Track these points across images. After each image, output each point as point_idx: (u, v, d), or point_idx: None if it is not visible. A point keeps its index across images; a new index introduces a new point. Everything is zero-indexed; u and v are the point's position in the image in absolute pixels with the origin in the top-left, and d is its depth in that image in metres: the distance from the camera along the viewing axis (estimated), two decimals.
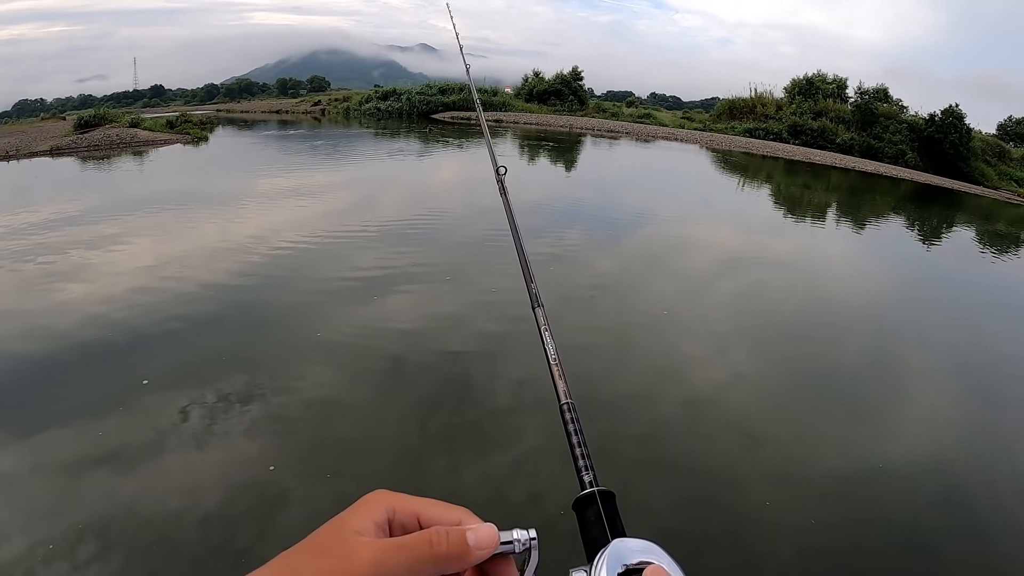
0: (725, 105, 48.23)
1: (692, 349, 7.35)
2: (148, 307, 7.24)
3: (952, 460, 5.65)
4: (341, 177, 18.28)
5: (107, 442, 4.70)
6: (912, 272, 13.48)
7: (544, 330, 1.61)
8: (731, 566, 4.06)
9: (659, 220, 14.87)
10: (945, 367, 7.86)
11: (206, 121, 33.39)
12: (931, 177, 34.84)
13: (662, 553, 0.88)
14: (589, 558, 0.95)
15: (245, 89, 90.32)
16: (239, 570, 3.33)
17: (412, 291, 8.22)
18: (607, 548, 0.91)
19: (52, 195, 13.98)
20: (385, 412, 5.47)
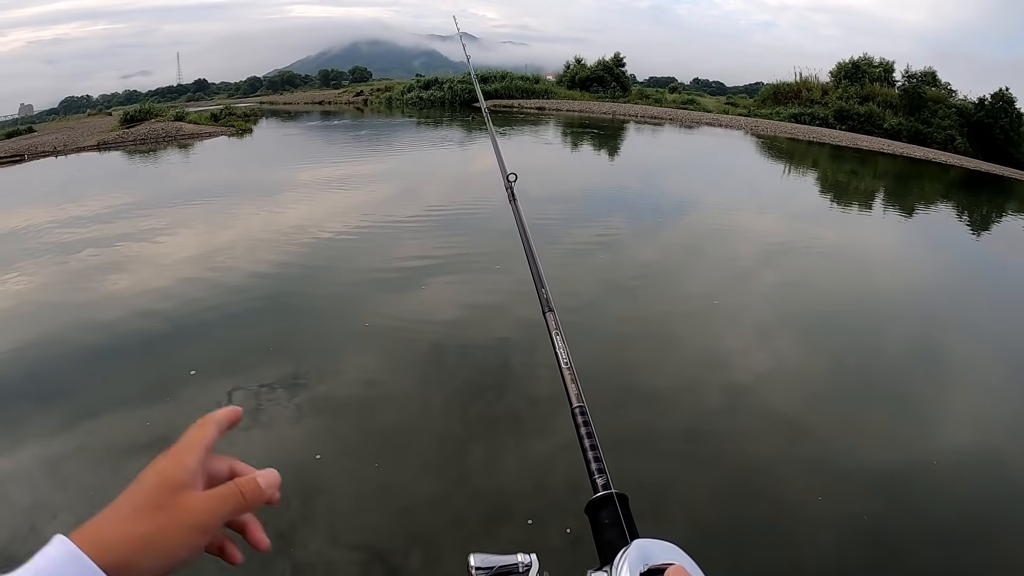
0: (770, 90, 47.52)
1: (736, 339, 7.33)
2: (194, 297, 7.41)
3: (1004, 457, 5.51)
4: (384, 166, 18.40)
5: (153, 429, 4.84)
6: (961, 262, 13.20)
7: (556, 334, 1.69)
8: (771, 559, 4.06)
9: (703, 207, 14.76)
10: (996, 360, 7.69)
11: (250, 113, 33.87)
12: (981, 163, 34.03)
13: (682, 554, 0.92)
14: (604, 560, 1.01)
15: (287, 81, 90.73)
16: (285, 551, 3.53)
17: (456, 280, 8.30)
18: (629, 548, 0.95)
19: (99, 189, 14.32)
20: (427, 401, 5.54)
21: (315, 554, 3.72)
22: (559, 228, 11.18)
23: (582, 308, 7.63)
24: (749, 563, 4.00)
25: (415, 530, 3.98)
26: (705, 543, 4.08)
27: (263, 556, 3.65)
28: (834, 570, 4.01)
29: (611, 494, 1.11)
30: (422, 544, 3.87)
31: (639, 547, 0.94)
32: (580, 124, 32.94)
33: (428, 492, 4.34)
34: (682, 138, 31.33)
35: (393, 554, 3.79)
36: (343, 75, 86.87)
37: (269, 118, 38.18)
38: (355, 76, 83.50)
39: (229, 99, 69.76)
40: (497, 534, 4.03)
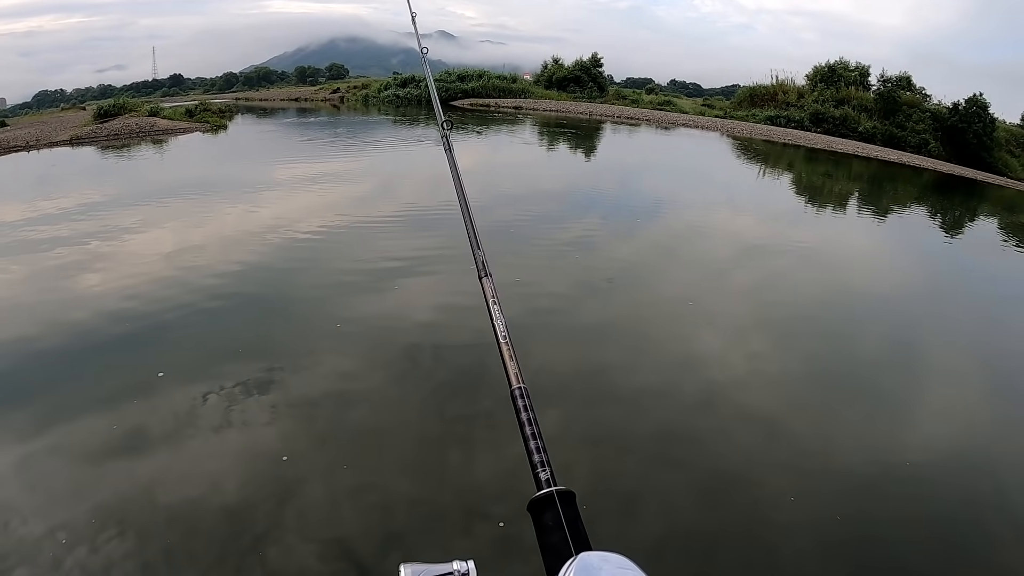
0: (746, 92, 47.69)
1: (711, 340, 7.31)
2: (165, 296, 7.26)
3: (977, 458, 5.56)
4: (360, 165, 18.28)
5: (124, 430, 4.73)
6: (935, 264, 13.33)
7: (492, 303, 1.55)
8: (747, 560, 4.03)
9: (679, 208, 14.83)
10: (969, 362, 7.76)
11: (225, 109, 33.35)
12: (954, 167, 34.35)
13: (634, 568, 0.83)
14: (549, 568, 0.91)
15: (264, 77, 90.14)
16: (255, 553, 3.42)
17: (430, 280, 8.22)
18: (572, 564, 0.85)
19: (71, 185, 14.09)
20: (402, 400, 5.47)
21: (288, 555, 3.65)
22: (534, 227, 11.17)
23: (557, 309, 7.63)
24: (723, 563, 3.99)
25: (390, 530, 3.95)
26: (678, 542, 4.09)
27: (236, 557, 3.55)
28: (808, 571, 4.00)
29: (553, 492, 1.00)
30: (396, 544, 3.82)
31: (583, 566, 0.84)
32: (557, 124, 32.91)
33: (403, 492, 4.29)
34: (659, 139, 31.36)
35: (367, 555, 3.73)
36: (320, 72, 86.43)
37: (244, 114, 37.81)
38: (332, 73, 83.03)
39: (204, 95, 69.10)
40: (473, 533, 3.99)
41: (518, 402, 1.22)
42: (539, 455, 1.10)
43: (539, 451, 1.11)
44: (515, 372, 1.29)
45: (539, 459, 1.09)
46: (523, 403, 1.21)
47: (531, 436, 1.14)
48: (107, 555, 3.52)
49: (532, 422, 1.17)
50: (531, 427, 1.16)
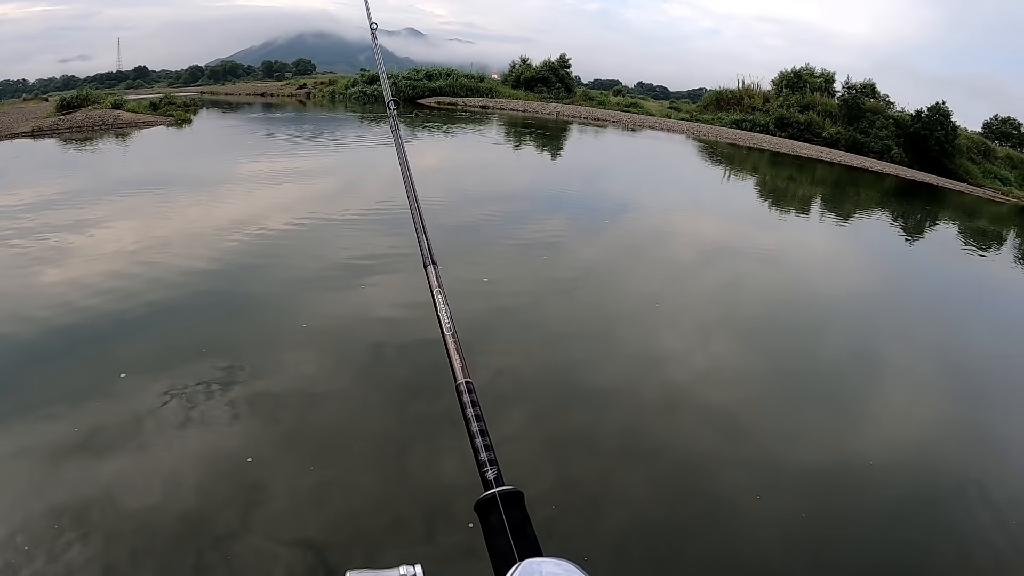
0: (712, 96, 48.09)
1: (674, 340, 7.31)
2: (128, 292, 7.07)
3: (935, 456, 5.65)
4: (326, 162, 18.08)
5: (85, 430, 4.59)
6: (895, 267, 13.49)
7: (438, 293, 1.42)
8: (711, 556, 4.02)
9: (644, 209, 14.84)
10: (927, 362, 7.89)
11: (190, 103, 33.00)
12: (916, 173, 34.88)
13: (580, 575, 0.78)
14: (497, 573, 0.85)
15: (230, 71, 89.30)
16: (218, 553, 3.35)
17: (395, 278, 8.10)
18: (515, 571, 0.80)
19: (32, 177, 13.76)
20: (366, 400, 5.41)
21: (253, 556, 3.58)
22: (500, 227, 11.10)
23: (522, 308, 7.58)
24: (687, 561, 3.98)
25: (354, 530, 3.89)
26: (641, 542, 4.07)
27: (200, 558, 3.48)
28: (772, 567, 4.00)
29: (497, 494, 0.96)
30: (361, 545, 3.77)
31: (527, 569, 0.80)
32: (524, 124, 32.89)
33: (367, 492, 4.24)
34: (625, 140, 31.47)
35: (332, 555, 3.65)
36: (286, 67, 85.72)
37: (210, 109, 37.41)
38: (299, 69, 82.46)
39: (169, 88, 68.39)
40: (437, 532, 3.93)
41: (464, 397, 1.16)
42: (485, 453, 1.06)
43: (486, 448, 1.07)
44: (460, 366, 1.23)
45: (485, 457, 1.05)
46: (469, 398, 1.16)
47: (477, 433, 1.09)
48: (68, 560, 3.42)
49: (478, 418, 1.12)
50: (477, 423, 1.11)
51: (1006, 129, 50.22)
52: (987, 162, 42.70)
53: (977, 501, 4.93)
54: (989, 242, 18.75)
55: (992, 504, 4.92)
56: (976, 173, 39.80)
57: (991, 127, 50.69)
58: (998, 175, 41.17)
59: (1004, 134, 49.83)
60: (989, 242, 18.75)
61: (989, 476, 5.35)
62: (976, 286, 13.17)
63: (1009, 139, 49.43)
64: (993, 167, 42.26)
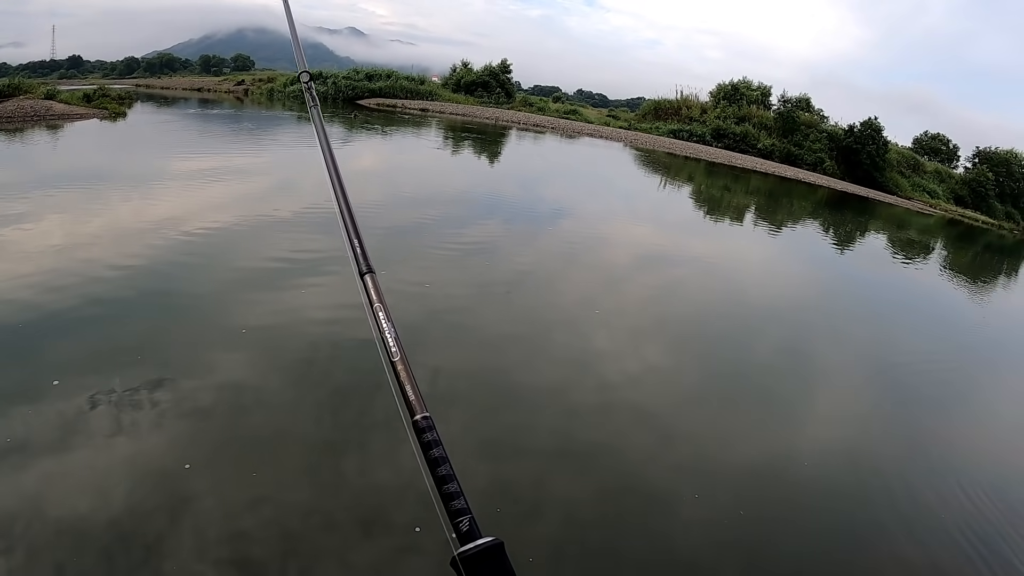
0: (651, 105, 48.75)
1: (607, 344, 7.28)
2: (55, 291, 6.75)
3: (861, 454, 5.81)
4: (262, 161, 17.72)
5: (8, 439, 4.34)
6: (825, 274, 13.78)
7: (377, 307, 1.19)
8: (644, 558, 4.02)
9: (580, 216, 14.84)
10: (854, 365, 8.12)
11: (125, 96, 32.01)
12: (847, 185, 35.77)
13: None
14: None
15: (166, 64, 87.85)
16: (148, 567, 3.27)
17: (329, 280, 7.91)
18: None
19: None
20: (298, 407, 5.23)
21: (182, 568, 3.43)
22: (438, 230, 10.94)
23: (458, 310, 7.54)
24: (623, 563, 3.93)
25: (287, 541, 3.74)
26: (577, 545, 4.05)
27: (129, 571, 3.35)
28: (705, 568, 4.03)
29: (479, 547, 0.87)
30: (294, 555, 3.64)
31: None
32: (463, 128, 32.75)
33: (300, 501, 4.11)
34: (563, 147, 31.59)
35: (265, 566, 3.55)
36: (225, 62, 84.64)
37: (145, 102, 36.58)
38: (237, 64, 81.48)
39: (104, 79, 66.79)
40: (373, 539, 3.85)
41: (424, 436, 1.01)
42: (458, 500, 0.94)
43: (456, 496, 0.94)
44: (414, 398, 1.05)
45: (457, 506, 0.93)
46: (431, 437, 1.01)
47: (445, 478, 0.97)
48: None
49: (443, 460, 0.99)
50: (443, 466, 0.99)
51: (935, 145, 52.00)
52: (916, 175, 44.09)
53: (905, 497, 5.09)
54: (916, 251, 19.32)
55: (920, 499, 5.09)
56: (905, 186, 41.01)
57: (921, 142, 52.46)
58: (927, 188, 42.53)
59: (933, 149, 51.59)
60: (916, 251, 19.32)
61: (916, 472, 5.53)
62: (903, 292, 13.62)
63: (938, 154, 51.19)
64: (922, 180, 43.63)
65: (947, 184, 45.25)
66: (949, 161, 51.28)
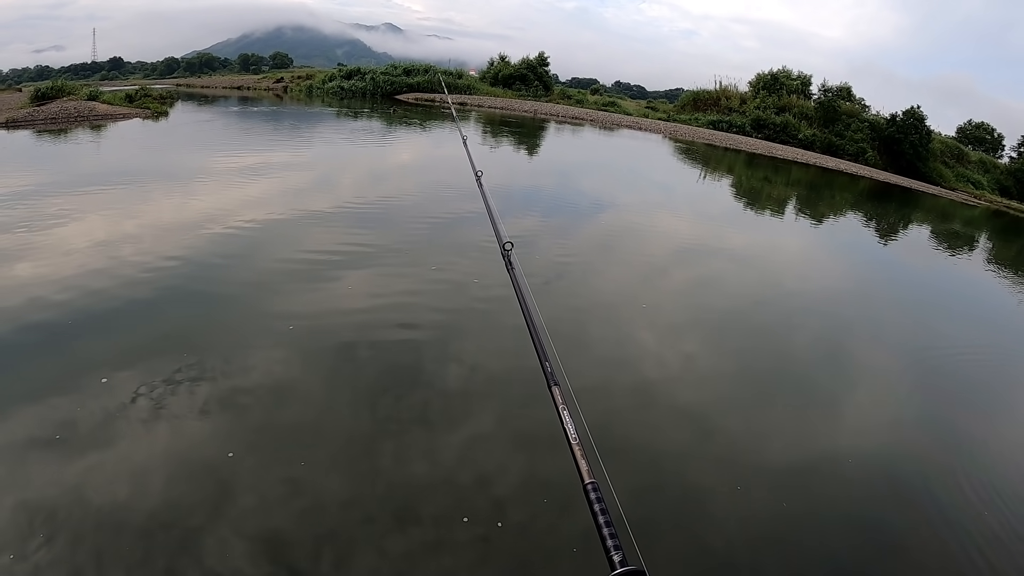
0: (689, 96, 48.41)
1: (646, 338, 7.28)
2: (99, 286, 6.95)
3: (903, 452, 5.73)
4: (302, 156, 17.89)
5: (52, 428, 4.51)
6: (868, 268, 13.58)
7: (563, 409, 1.58)
8: (680, 552, 4.04)
9: (619, 208, 14.84)
10: (897, 362, 7.95)
11: (166, 96, 32.55)
12: (890, 176, 35.27)
13: None
14: None
15: (206, 64, 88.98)
16: (187, 555, 3.39)
17: (370, 273, 8.05)
18: None
19: (5, 169, 13.44)
20: (338, 399, 5.33)
21: (220, 557, 3.53)
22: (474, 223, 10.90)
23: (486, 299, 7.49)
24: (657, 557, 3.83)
25: (323, 530, 3.84)
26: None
27: (167, 559, 3.46)
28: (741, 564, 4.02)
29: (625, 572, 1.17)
30: (330, 544, 3.73)
31: None
32: (501, 121, 32.81)
33: (337, 491, 4.19)
34: (602, 139, 31.46)
35: (301, 555, 3.63)
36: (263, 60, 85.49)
37: (185, 101, 36.96)
38: (276, 62, 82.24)
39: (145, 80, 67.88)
40: (405, 529, 3.90)
41: (591, 495, 1.35)
42: (611, 540, 1.25)
43: (611, 536, 1.26)
44: (587, 469, 1.39)
45: (611, 544, 1.24)
46: (594, 496, 1.35)
47: (604, 525, 1.28)
48: (35, 561, 3.38)
49: (604, 512, 1.32)
50: (603, 517, 1.31)
51: (979, 134, 51.01)
52: (960, 166, 43.30)
53: (949, 497, 5.01)
54: (961, 245, 18.93)
55: (964, 499, 5.01)
56: (949, 176, 40.32)
57: (965, 132, 51.50)
58: (971, 179, 41.76)
59: (977, 139, 50.62)
60: (961, 245, 18.93)
61: (960, 473, 5.41)
62: (948, 289, 13.33)
63: (982, 144, 50.19)
64: (966, 171, 42.84)
65: (992, 174, 44.35)
66: (994, 151, 50.27)
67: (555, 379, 1.54)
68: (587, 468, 1.34)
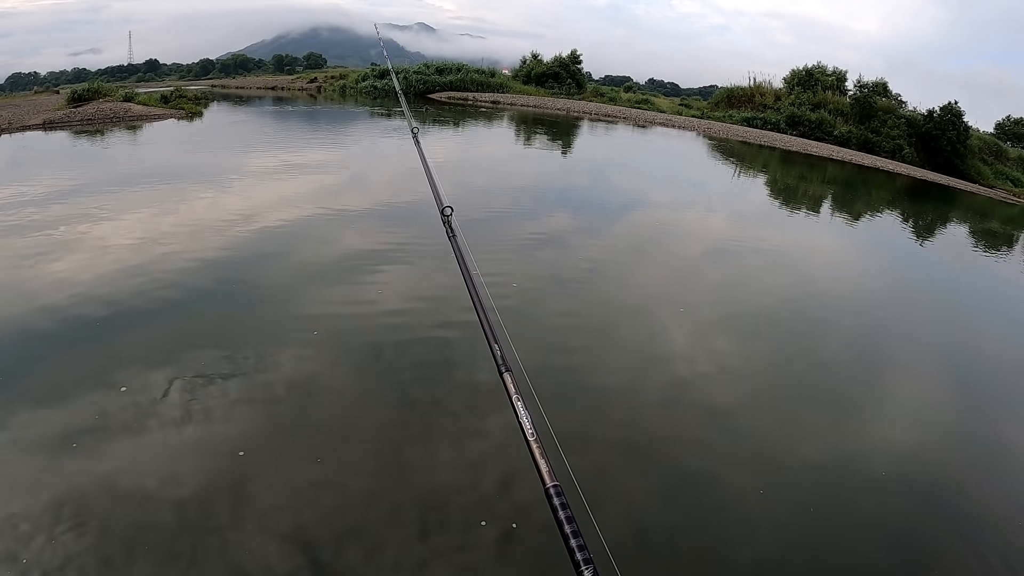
0: (723, 93, 47.96)
1: (676, 336, 7.28)
2: (134, 284, 7.09)
3: (936, 459, 5.66)
4: (335, 155, 18.03)
5: (85, 421, 4.61)
6: (903, 268, 13.41)
7: (516, 399, 1.39)
8: (707, 555, 4.03)
9: (652, 206, 14.80)
10: (932, 365, 7.85)
11: (201, 96, 32.89)
12: (927, 173, 34.76)
13: None
14: None
15: (240, 65, 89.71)
16: (215, 547, 3.40)
17: (400, 273, 8.11)
18: None
19: (43, 169, 13.69)
20: (368, 394, 5.40)
21: (247, 549, 3.59)
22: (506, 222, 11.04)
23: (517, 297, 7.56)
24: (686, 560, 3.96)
25: (349, 525, 3.87)
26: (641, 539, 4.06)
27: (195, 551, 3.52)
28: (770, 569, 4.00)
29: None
30: (355, 540, 3.77)
31: None
32: (534, 120, 32.80)
33: (363, 487, 4.24)
34: (636, 137, 31.34)
35: (326, 550, 3.67)
36: (297, 61, 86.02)
37: (220, 102, 37.38)
38: (309, 63, 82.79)
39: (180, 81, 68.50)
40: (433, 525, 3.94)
41: (553, 500, 1.23)
42: (580, 553, 1.13)
43: (580, 549, 1.14)
44: (547, 470, 1.27)
45: (580, 557, 1.12)
46: (558, 502, 1.22)
47: (571, 535, 1.16)
48: (66, 549, 3.45)
49: (569, 520, 1.19)
50: (569, 525, 1.18)
51: (1019, 130, 49.99)
52: (999, 163, 42.48)
53: (982, 508, 4.94)
54: (1000, 244, 18.64)
55: (998, 509, 4.95)
56: (988, 174, 39.58)
57: (1003, 128, 50.46)
58: (1010, 176, 40.93)
59: (1017, 135, 49.60)
60: (1000, 244, 18.64)
61: (996, 482, 5.36)
62: (987, 289, 13.12)
63: (1022, 140, 49.17)
64: (1005, 168, 42.02)
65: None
66: None
67: (507, 364, 1.47)
68: (548, 469, 1.24)
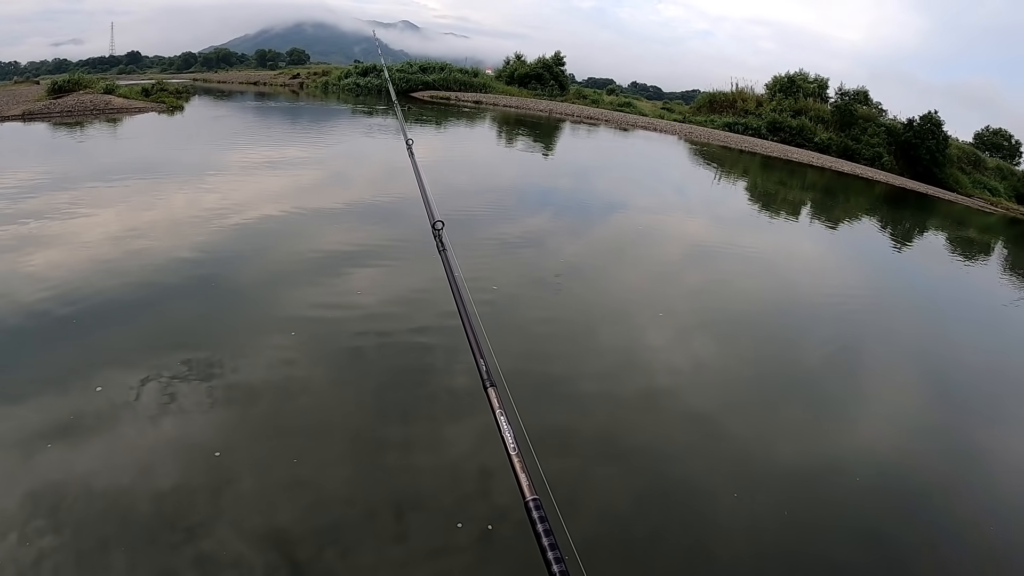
0: (705, 98, 48.27)
1: (655, 340, 7.24)
2: (110, 281, 6.98)
3: (912, 462, 5.69)
4: (315, 152, 17.93)
5: (59, 418, 4.54)
6: (881, 274, 13.47)
7: (500, 414, 1.34)
8: (684, 558, 4.01)
9: (632, 209, 14.80)
10: (907, 371, 7.88)
11: (182, 90, 32.75)
12: (906, 181, 35.11)
13: None
14: None
15: (223, 59, 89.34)
16: (190, 545, 3.36)
17: (378, 271, 8.06)
18: None
19: (20, 161, 13.49)
20: (344, 393, 5.36)
21: (222, 547, 3.56)
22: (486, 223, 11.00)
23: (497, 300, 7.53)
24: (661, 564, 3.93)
25: (325, 525, 3.83)
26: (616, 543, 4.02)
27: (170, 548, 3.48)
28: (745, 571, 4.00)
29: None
30: (331, 539, 3.73)
31: None
32: (516, 120, 32.80)
33: (339, 487, 4.20)
34: (617, 139, 31.39)
35: (301, 548, 3.63)
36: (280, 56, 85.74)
37: (202, 96, 37.26)
38: (292, 58, 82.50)
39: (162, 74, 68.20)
40: (409, 527, 3.90)
41: (533, 514, 1.21)
42: (557, 565, 1.10)
43: (557, 561, 1.11)
44: (527, 484, 1.26)
45: (557, 569, 1.09)
46: (537, 515, 1.20)
47: (548, 548, 1.13)
48: (39, 546, 3.41)
49: (547, 533, 1.17)
50: (547, 538, 1.16)
51: (997, 140, 50.60)
52: (977, 172, 43.00)
53: (956, 510, 4.99)
54: (976, 252, 18.81)
55: (970, 512, 4.98)
56: (966, 183, 40.05)
57: (982, 138, 51.06)
58: (987, 185, 41.45)
59: (995, 145, 50.21)
60: (976, 252, 18.81)
61: (968, 486, 5.40)
62: (963, 297, 13.22)
63: (1000, 150, 49.81)
64: (983, 177, 42.54)
65: (1009, 181, 43.89)
66: (1012, 157, 49.82)
67: (491, 379, 1.41)
68: (528, 483, 1.22)
